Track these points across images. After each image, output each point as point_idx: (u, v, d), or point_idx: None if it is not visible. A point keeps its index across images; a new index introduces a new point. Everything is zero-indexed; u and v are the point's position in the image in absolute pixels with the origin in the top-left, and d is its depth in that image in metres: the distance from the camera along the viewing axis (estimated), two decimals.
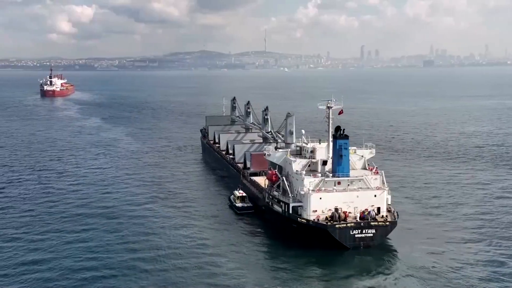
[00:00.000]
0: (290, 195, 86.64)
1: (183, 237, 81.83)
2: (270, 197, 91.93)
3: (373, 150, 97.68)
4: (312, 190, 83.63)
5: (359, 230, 79.49)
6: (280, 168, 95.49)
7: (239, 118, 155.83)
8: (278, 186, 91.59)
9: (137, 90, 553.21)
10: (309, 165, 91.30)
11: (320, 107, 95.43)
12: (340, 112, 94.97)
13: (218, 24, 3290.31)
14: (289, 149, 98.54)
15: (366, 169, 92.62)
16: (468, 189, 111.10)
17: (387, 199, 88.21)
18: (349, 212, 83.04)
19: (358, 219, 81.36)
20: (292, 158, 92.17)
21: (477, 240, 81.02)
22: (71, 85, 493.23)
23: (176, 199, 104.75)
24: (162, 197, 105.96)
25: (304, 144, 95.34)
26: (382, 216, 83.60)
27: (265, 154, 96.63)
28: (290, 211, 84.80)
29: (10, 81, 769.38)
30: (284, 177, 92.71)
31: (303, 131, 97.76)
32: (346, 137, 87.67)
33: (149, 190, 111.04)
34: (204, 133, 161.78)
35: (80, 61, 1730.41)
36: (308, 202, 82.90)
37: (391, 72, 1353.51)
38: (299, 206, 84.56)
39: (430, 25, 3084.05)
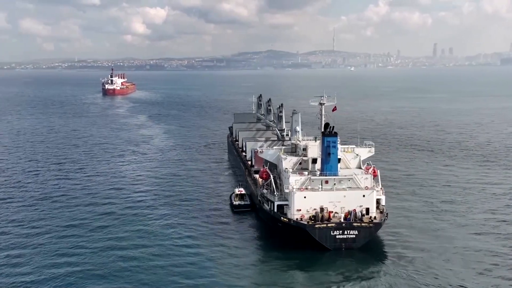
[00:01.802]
0: (275, 193, 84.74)
1: (169, 234, 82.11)
2: (261, 195, 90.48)
3: (372, 149, 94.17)
4: (297, 188, 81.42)
5: (341, 231, 76.23)
6: (275, 166, 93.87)
7: (263, 116, 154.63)
8: (269, 184, 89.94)
9: (195, 89, 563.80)
10: (300, 163, 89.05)
11: (312, 103, 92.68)
12: (334, 109, 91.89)
13: (287, 23, 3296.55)
14: (283, 147, 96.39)
15: (361, 168, 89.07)
16: (486, 195, 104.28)
17: (380, 199, 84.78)
18: (336, 212, 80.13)
19: (342, 219, 78.48)
20: (283, 156, 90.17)
21: (473, 247, 75.79)
22: (132, 84, 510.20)
23: (180, 196, 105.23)
24: (168, 193, 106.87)
25: (298, 142, 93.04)
26: (370, 217, 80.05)
27: (257, 151, 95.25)
28: (275, 210, 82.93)
29: (83, 80, 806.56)
30: (276, 175, 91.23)
31: (298, 128, 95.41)
32: (335, 134, 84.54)
33: (157, 187, 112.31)
34: (232, 130, 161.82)
35: (151, 62, 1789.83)
36: (292, 201, 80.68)
37: (465, 70, 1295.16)
38: (285, 204, 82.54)
39: (510, 21, 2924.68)
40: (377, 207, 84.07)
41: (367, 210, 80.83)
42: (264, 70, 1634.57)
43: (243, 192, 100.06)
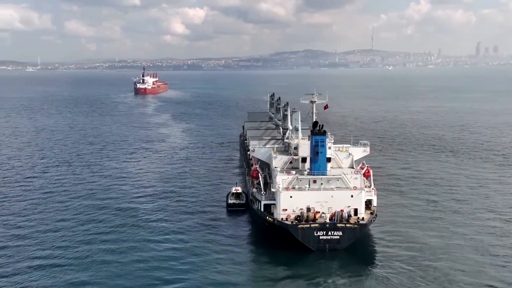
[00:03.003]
0: (262, 192, 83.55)
1: (157, 230, 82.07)
2: (252, 194, 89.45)
3: (367, 149, 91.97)
4: (283, 188, 79.96)
5: (324, 232, 74.36)
6: (268, 165, 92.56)
7: (274, 114, 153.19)
8: (259, 183, 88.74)
9: (227, 88, 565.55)
10: (290, 162, 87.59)
11: (303, 101, 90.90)
12: (325, 107, 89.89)
13: (325, 22, 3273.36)
14: (276, 146, 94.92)
15: (353, 168, 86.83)
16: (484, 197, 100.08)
17: (371, 200, 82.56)
18: (323, 213, 78.29)
19: (328, 220, 76.59)
20: (273, 155, 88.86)
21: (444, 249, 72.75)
22: (164, 84, 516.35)
23: (179, 194, 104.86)
24: (168, 191, 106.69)
25: (290, 141, 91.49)
26: (358, 218, 77.84)
27: (249, 150, 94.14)
28: (262, 209, 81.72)
29: (119, 80, 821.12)
30: (267, 174, 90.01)
31: (290, 127, 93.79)
32: (324, 133, 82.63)
33: (159, 184, 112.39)
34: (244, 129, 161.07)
35: (189, 61, 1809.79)
36: (278, 200, 79.35)
37: (510, 70, 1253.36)
38: (272, 204, 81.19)
39: None
40: (369, 208, 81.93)
41: (356, 210, 78.72)
42: (300, 69, 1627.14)
43: (240, 191, 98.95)
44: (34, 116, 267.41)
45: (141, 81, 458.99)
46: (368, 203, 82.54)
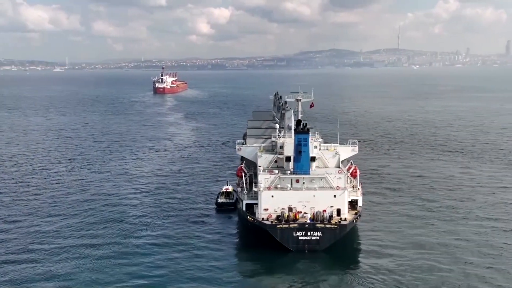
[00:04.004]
0: (244, 191, 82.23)
1: (139, 230, 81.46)
2: (237, 193, 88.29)
3: (356, 148, 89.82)
4: (264, 187, 78.48)
5: (303, 232, 72.70)
6: (254, 164, 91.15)
7: (275, 113, 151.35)
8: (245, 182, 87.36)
9: (245, 88, 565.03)
10: (275, 161, 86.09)
11: (288, 99, 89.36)
12: (311, 105, 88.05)
13: (351, 22, 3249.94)
14: (263, 144, 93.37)
15: (339, 167, 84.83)
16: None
17: (356, 200, 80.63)
18: (305, 213, 76.63)
19: (308, 220, 74.85)
20: (259, 154, 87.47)
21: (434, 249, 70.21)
22: (184, 83, 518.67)
23: (172, 193, 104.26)
24: (161, 190, 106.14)
25: (276, 139, 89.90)
26: (341, 218, 75.90)
27: (236, 148, 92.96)
28: (244, 209, 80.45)
29: (141, 79, 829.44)
30: (253, 173, 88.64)
31: (277, 126, 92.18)
32: (307, 131, 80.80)
33: (153, 183, 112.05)
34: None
35: (213, 61, 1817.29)
36: (259, 200, 77.96)
37: None
38: (255, 203, 79.82)
39: None
40: (354, 208, 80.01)
41: (338, 211, 76.81)
42: (325, 69, 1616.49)
43: (230, 190, 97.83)
44: (49, 114, 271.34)
45: (160, 80, 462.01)
46: (353, 203, 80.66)
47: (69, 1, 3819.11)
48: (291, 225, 72.99)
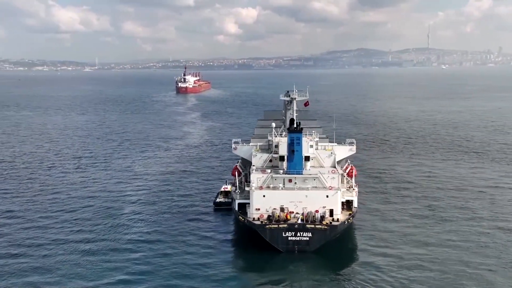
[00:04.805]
0: (237, 191, 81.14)
1: (136, 228, 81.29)
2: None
3: (353, 148, 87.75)
4: (256, 187, 77.19)
5: (293, 233, 71.22)
6: (250, 163, 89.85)
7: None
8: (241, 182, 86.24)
9: (268, 87, 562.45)
10: (270, 160, 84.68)
11: (282, 98, 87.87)
12: (306, 104, 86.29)
13: (379, 21, 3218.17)
14: (259, 143, 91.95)
15: (335, 167, 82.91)
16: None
17: (351, 201, 78.71)
18: (297, 213, 75.10)
19: (299, 220, 73.23)
20: (253, 153, 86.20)
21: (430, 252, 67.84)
22: (207, 83, 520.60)
23: (173, 192, 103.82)
24: (163, 189, 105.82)
25: (272, 138, 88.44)
26: (333, 219, 74.12)
27: (232, 147, 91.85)
28: (236, 208, 79.38)
29: (166, 79, 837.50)
30: (248, 173, 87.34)
31: (274, 124, 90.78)
32: (300, 131, 79.14)
33: (156, 182, 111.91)
34: None
35: (240, 61, 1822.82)
36: (251, 199, 76.76)
37: None
38: (247, 203, 78.64)
39: None
40: (349, 209, 78.20)
41: (331, 211, 75.00)
42: (352, 68, 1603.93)
43: (228, 189, 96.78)
44: (70, 113, 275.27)
45: (182, 80, 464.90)
46: (348, 204, 78.76)
47: (99, 2, 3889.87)
48: (280, 226, 71.64)
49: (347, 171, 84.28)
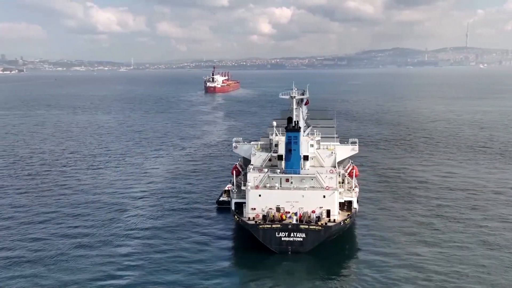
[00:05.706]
0: (234, 190, 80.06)
1: (138, 225, 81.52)
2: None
3: (356, 147, 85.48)
4: (252, 186, 75.91)
5: (286, 233, 69.69)
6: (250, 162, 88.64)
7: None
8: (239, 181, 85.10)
9: (298, 87, 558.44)
10: (270, 160, 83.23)
11: (282, 96, 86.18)
12: (306, 103, 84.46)
13: (416, 19, 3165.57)
14: (260, 142, 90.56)
15: (335, 167, 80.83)
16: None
17: (351, 201, 76.61)
18: (293, 213, 73.53)
19: (294, 221, 71.60)
20: (253, 152, 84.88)
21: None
22: (236, 82, 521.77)
23: (178, 190, 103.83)
24: (169, 188, 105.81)
25: (272, 137, 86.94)
26: (330, 219, 72.26)
27: (233, 146, 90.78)
28: (233, 208, 78.33)
29: (197, 79, 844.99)
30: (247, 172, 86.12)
31: (275, 123, 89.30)
32: (298, 129, 77.39)
33: (163, 180, 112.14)
34: None
35: (273, 61, 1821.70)
36: (247, 199, 75.65)
37: None
38: (244, 202, 77.48)
39: None
40: (349, 209, 76.18)
41: (328, 211, 73.09)
42: (386, 68, 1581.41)
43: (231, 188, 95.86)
44: (96, 113, 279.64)
45: (210, 79, 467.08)
46: (348, 204, 76.67)
47: (136, 3, 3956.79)
48: (273, 226, 70.27)
49: (348, 171, 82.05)
